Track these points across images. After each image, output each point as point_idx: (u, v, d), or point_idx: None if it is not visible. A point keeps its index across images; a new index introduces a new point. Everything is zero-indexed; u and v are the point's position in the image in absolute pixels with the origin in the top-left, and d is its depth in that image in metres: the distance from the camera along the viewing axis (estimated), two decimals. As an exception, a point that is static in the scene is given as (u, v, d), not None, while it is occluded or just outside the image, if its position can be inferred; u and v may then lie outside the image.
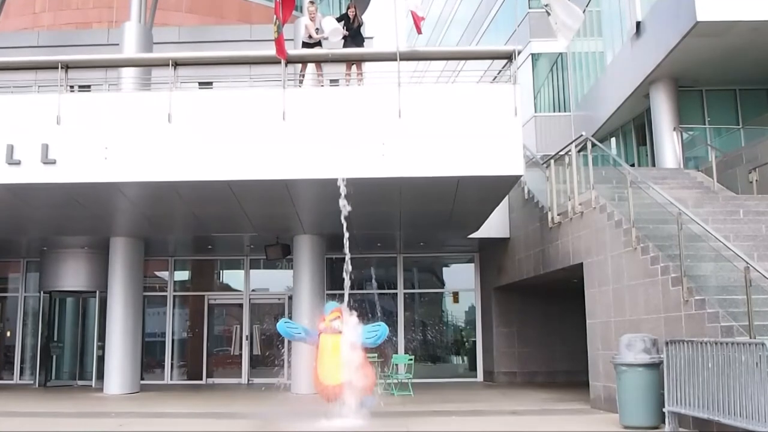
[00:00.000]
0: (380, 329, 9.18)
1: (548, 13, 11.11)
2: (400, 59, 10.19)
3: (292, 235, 14.24)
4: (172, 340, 17.15)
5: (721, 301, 7.98)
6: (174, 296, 17.30)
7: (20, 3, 19.06)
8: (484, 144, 9.87)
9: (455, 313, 18.25)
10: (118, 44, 14.76)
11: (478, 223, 13.57)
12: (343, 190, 9.43)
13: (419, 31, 10.70)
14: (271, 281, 17.93)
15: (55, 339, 16.45)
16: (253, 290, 17.34)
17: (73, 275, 15.66)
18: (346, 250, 9.69)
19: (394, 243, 16.07)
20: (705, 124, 16.74)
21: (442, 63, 20.32)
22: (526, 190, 13.69)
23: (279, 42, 10.01)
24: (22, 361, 17.13)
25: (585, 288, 10.80)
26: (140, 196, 11.33)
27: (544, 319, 15.63)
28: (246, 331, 16.99)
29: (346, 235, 9.58)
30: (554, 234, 12.00)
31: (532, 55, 23.65)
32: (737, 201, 11.75)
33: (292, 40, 13.40)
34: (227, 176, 10.08)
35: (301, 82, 11.56)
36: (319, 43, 11.64)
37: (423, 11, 10.37)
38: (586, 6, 19.75)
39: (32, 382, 16.38)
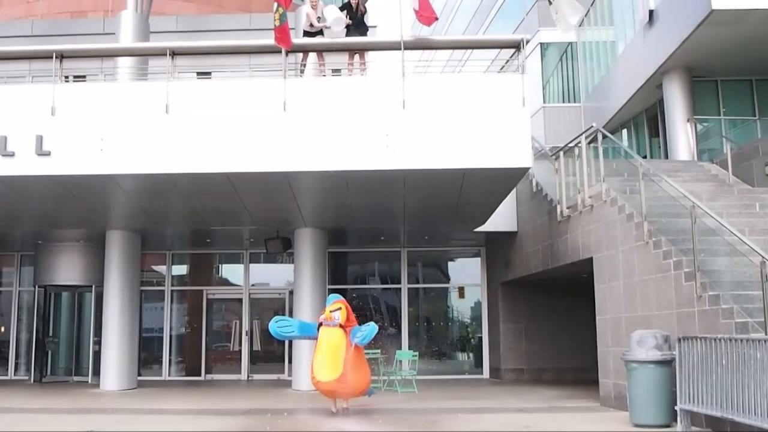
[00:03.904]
0: (368, 330, 8.97)
1: (550, 3, 10.89)
2: (405, 48, 9.99)
3: (292, 229, 14.07)
4: (170, 336, 16.96)
5: (735, 296, 7.85)
6: (172, 291, 17.07)
7: (14, -9, 18.93)
8: (491, 135, 9.70)
9: (461, 308, 18.07)
10: (114, 33, 14.59)
11: (484, 216, 13.40)
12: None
13: (428, 23, 10.36)
14: (271, 276, 17.76)
15: (51, 334, 16.32)
16: (252, 285, 17.14)
17: (68, 269, 15.49)
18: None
19: (398, 237, 15.91)
20: (720, 115, 16.52)
21: (447, 52, 20.09)
22: (534, 183, 13.50)
23: (283, 30, 9.85)
24: (17, 357, 16.97)
25: (595, 283, 10.65)
26: (137, 189, 11.17)
27: (552, 314, 15.42)
28: (246, 327, 16.82)
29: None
30: (563, 228, 11.81)
31: (541, 44, 23.32)
32: (753, 194, 11.56)
33: (293, 29, 13.19)
34: (226, 168, 9.92)
35: (302, 72, 11.37)
36: (320, 32, 11.45)
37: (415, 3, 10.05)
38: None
39: (27, 378, 16.25)
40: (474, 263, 17.28)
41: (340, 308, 9.39)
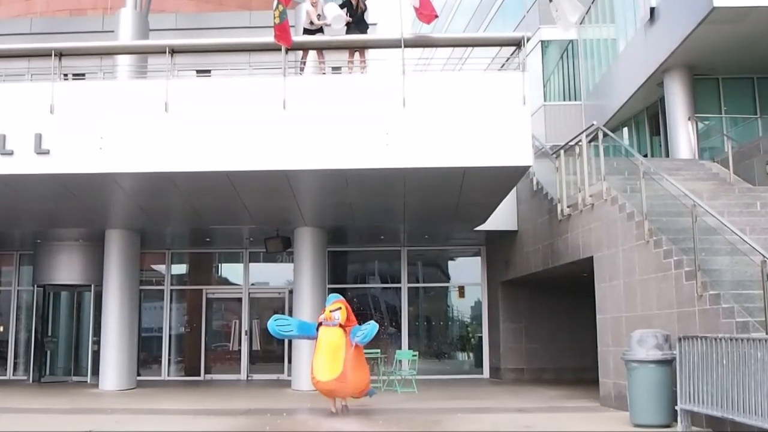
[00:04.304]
0: (368, 328, 8.94)
1: (550, 0, 10.84)
2: (405, 46, 9.94)
3: (292, 228, 14.01)
4: (169, 336, 16.90)
5: (736, 296, 7.82)
6: (171, 290, 17.01)
7: (13, -11, 18.86)
8: (491, 134, 9.65)
9: (461, 308, 18.01)
10: (113, 31, 14.56)
11: (484, 215, 13.33)
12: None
13: (428, 21, 10.30)
14: (271, 275, 17.69)
15: (50, 334, 16.24)
16: (252, 284, 17.08)
17: (67, 269, 15.40)
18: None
19: (397, 236, 15.84)
20: (721, 114, 16.50)
21: (448, 50, 20.05)
22: (534, 182, 13.43)
23: (283, 28, 9.79)
24: (16, 357, 16.89)
25: (595, 282, 10.59)
26: (136, 188, 11.11)
27: (552, 314, 15.35)
28: (245, 326, 16.75)
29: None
30: (564, 227, 11.75)
31: (542, 42, 23.25)
32: (754, 193, 11.50)
33: (293, 26, 13.16)
34: (226, 167, 9.88)
35: (302, 69, 11.32)
36: (320, 30, 11.37)
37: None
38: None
39: (26, 377, 16.19)
40: (474, 262, 17.22)
41: (339, 308, 9.35)
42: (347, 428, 8.70)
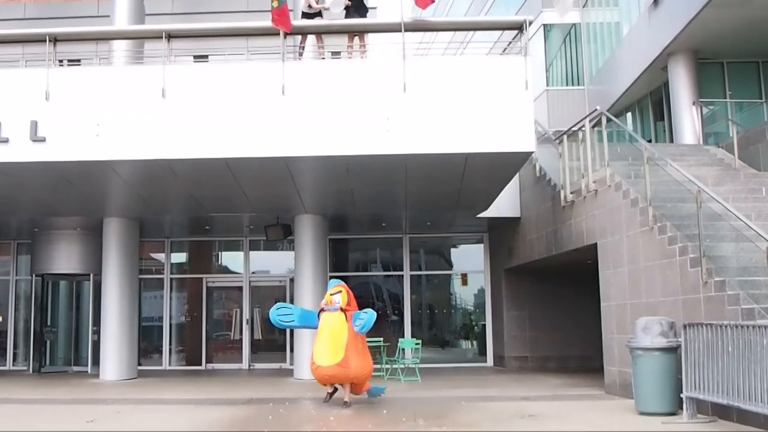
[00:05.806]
0: (366, 317, 8.83)
1: None
2: (405, 30, 9.84)
3: (293, 215, 13.93)
4: (170, 325, 16.84)
5: (742, 282, 7.76)
6: (171, 279, 16.95)
7: (5, -26, 18.56)
8: (493, 119, 9.56)
9: (464, 295, 17.96)
10: (108, 16, 14.33)
11: (487, 202, 13.25)
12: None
13: (424, 6, 10.13)
14: (271, 263, 17.62)
15: (49, 324, 16.20)
16: (253, 272, 17.01)
17: (65, 258, 15.33)
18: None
19: (399, 223, 15.78)
20: (726, 98, 16.32)
21: (449, 34, 19.82)
22: (537, 168, 13.34)
23: (282, 12, 9.66)
24: (15, 347, 16.85)
25: (599, 269, 10.52)
26: (134, 175, 11.03)
27: (556, 302, 15.27)
28: (246, 315, 16.70)
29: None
30: (567, 213, 11.67)
31: (544, 25, 22.99)
32: (759, 178, 11.43)
33: (292, 10, 13.01)
34: (225, 154, 9.79)
35: (300, 54, 11.21)
36: (319, 14, 11.26)
37: None
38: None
39: (26, 368, 16.16)
40: (477, 250, 17.13)
41: (340, 291, 9.28)
42: (350, 418, 8.62)
